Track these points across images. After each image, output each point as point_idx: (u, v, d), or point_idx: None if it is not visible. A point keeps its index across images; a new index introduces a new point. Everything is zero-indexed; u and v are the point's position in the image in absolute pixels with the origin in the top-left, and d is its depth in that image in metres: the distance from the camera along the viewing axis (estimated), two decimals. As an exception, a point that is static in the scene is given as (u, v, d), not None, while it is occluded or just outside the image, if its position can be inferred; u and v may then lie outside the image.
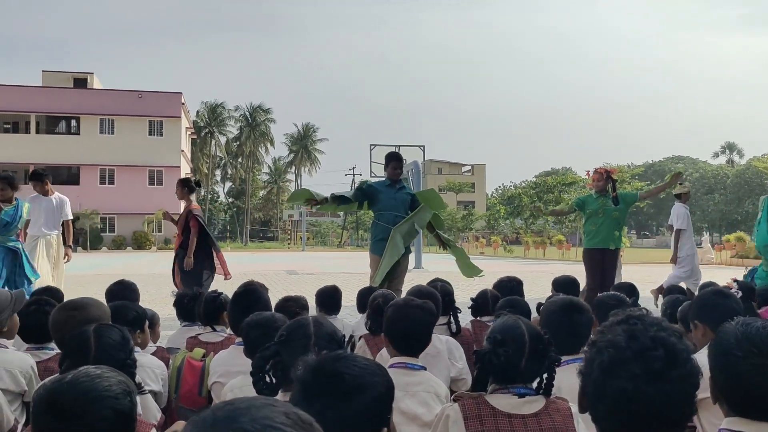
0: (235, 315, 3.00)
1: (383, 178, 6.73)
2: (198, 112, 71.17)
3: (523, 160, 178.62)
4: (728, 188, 67.29)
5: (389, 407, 1.48)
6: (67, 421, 1.41)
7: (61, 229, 7.65)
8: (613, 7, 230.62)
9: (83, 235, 44.15)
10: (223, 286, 5.51)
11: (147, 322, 3.02)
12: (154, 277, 16.36)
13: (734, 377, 1.56)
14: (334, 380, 1.40)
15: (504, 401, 1.94)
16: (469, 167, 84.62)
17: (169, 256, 8.47)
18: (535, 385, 1.98)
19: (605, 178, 7.10)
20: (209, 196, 74.81)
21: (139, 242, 45.49)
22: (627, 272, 10.58)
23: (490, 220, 54.77)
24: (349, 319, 5.86)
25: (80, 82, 48.88)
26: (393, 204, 6.33)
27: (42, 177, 7.61)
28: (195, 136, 62.75)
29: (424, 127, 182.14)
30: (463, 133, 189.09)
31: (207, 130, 70.95)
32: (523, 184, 57.10)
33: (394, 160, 6.50)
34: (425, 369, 2.64)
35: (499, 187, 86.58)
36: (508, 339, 1.95)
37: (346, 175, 42.15)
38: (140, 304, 4.19)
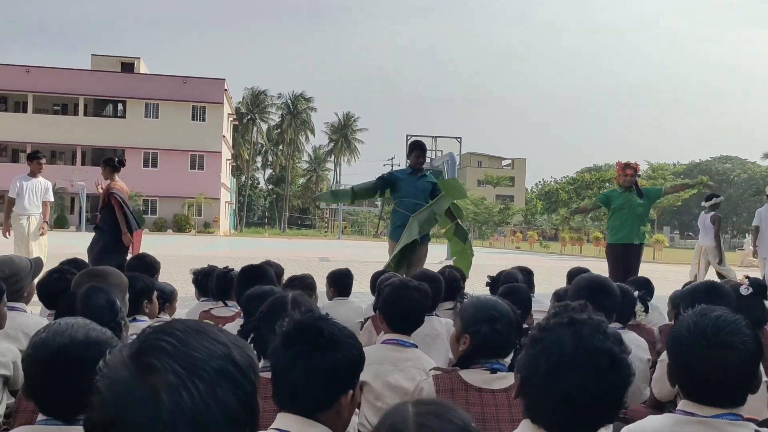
0: (240, 289, 3.12)
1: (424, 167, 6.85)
2: (241, 98, 72.16)
3: (566, 156, 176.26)
4: (777, 190, 65.39)
5: (358, 373, 1.57)
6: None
7: (41, 209, 8.80)
8: (666, 3, 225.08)
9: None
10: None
11: (155, 293, 3.15)
12: (189, 259, 16.74)
13: (684, 365, 1.60)
14: (312, 333, 1.52)
15: (476, 376, 2.01)
16: (510, 161, 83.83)
17: (208, 240, 8.71)
18: (509, 360, 2.05)
19: (636, 173, 7.05)
20: (249, 182, 75.83)
21: (180, 225, 46.42)
22: (662, 271, 10.47)
23: (527, 215, 54.25)
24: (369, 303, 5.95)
25: (127, 67, 49.99)
26: (413, 192, 6.39)
27: (40, 158, 8.76)
28: (237, 123, 63.58)
29: (465, 119, 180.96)
30: (506, 126, 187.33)
31: (249, 116, 71.82)
32: (563, 180, 56.34)
33: (417, 148, 6.55)
34: (416, 347, 2.72)
35: (540, 182, 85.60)
36: (501, 316, 2.03)
37: (384, 165, 42.33)
38: (168, 282, 4.37)
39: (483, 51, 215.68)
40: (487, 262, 17.77)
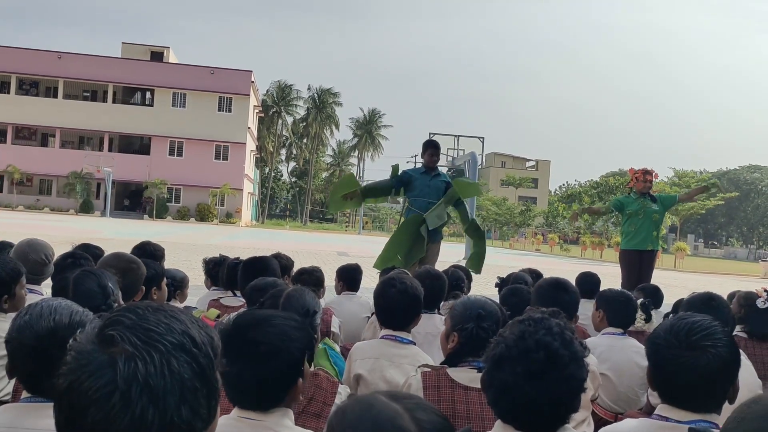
0: (244, 280, 3.20)
1: (445, 165, 6.86)
2: (267, 90, 72.56)
3: (592, 159, 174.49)
4: (806, 201, 64.09)
5: (302, 363, 1.61)
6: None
7: None
8: (703, 7, 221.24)
9: (150, 204, 45.90)
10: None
11: (164, 280, 3.24)
12: (208, 248, 16.95)
13: (659, 367, 1.64)
14: (249, 346, 1.53)
15: (463, 375, 2.06)
16: (534, 162, 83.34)
17: (229, 230, 8.78)
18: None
19: (649, 179, 7.02)
20: (272, 174, 76.29)
21: (203, 214, 46.90)
22: (682, 279, 10.36)
23: (548, 217, 53.91)
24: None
25: (157, 56, 50.57)
26: (427, 191, 6.40)
27: None
28: (262, 115, 64.00)
29: (490, 119, 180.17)
30: (532, 127, 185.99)
31: (275, 109, 72.22)
32: (587, 183, 55.90)
33: (431, 147, 6.55)
34: (414, 344, 2.77)
35: (564, 184, 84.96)
36: (488, 314, 2.08)
37: (407, 162, 42.16)
38: (184, 269, 4.46)
39: (510, 52, 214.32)
40: (505, 263, 17.76)
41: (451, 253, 16.49)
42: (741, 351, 3.17)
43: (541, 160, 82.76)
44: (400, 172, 6.65)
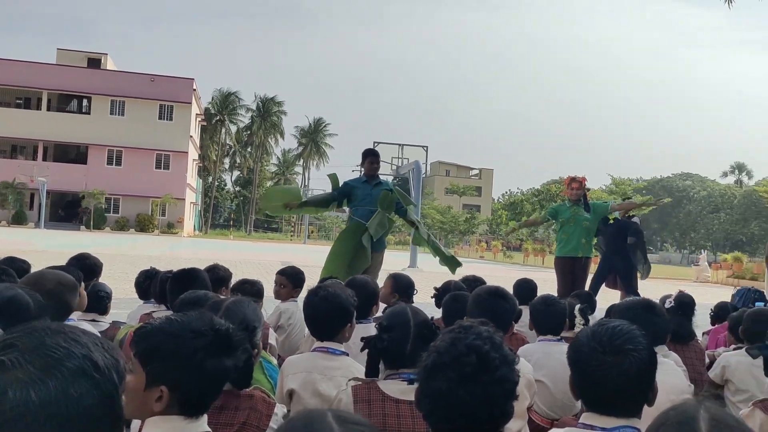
0: (172, 293, 3.11)
1: (390, 174, 6.88)
2: (212, 98, 71.53)
3: (534, 168, 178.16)
4: (734, 208, 66.97)
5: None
6: None
7: None
8: (635, 22, 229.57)
9: (87, 215, 44.47)
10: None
11: (82, 285, 3.10)
12: (148, 259, 16.49)
13: (583, 373, 1.66)
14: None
15: (394, 387, 2.04)
16: (477, 171, 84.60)
17: (171, 241, 8.57)
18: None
19: (583, 187, 7.17)
20: (216, 183, 75.10)
21: (143, 225, 45.75)
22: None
23: (492, 224, 54.80)
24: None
25: (94, 62, 49.17)
26: (369, 200, 6.42)
27: None
28: (205, 123, 62.97)
29: (435, 128, 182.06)
30: (476, 137, 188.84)
31: (218, 117, 71.18)
32: (529, 191, 57.08)
33: (370, 155, 6.61)
34: (347, 355, 2.73)
35: (506, 192, 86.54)
36: (395, 324, 2.07)
37: (353, 171, 42.25)
38: (120, 282, 4.32)
39: (453, 62, 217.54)
40: (446, 270, 17.87)
41: (396, 262, 16.53)
42: (676, 356, 3.28)
43: (485, 168, 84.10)
44: (341, 183, 6.65)
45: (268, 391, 2.21)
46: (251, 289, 3.92)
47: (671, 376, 2.88)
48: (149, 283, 4.02)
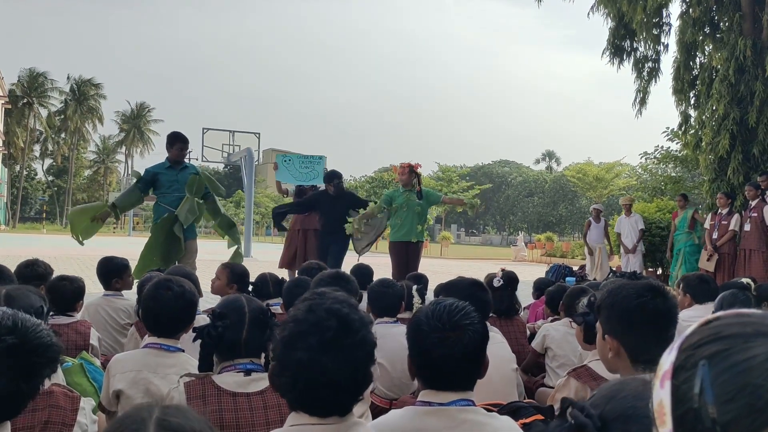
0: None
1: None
2: (18, 78, 64.85)
3: (366, 155, 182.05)
4: (546, 192, 73.06)
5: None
6: None
7: None
8: (462, 18, 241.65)
9: None
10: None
11: None
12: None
13: (424, 351, 1.69)
14: None
15: (230, 379, 1.94)
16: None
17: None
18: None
19: (408, 172, 7.36)
20: (25, 173, 68.31)
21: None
22: (448, 266, 11.13)
23: (327, 212, 55.23)
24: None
25: None
26: (176, 186, 6.28)
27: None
28: (10, 106, 56.93)
29: (268, 116, 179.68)
30: (310, 125, 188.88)
31: (25, 100, 64.67)
32: (362, 179, 58.20)
33: (179, 141, 6.44)
34: (183, 351, 2.58)
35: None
36: (229, 311, 1.99)
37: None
38: None
39: (284, 50, 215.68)
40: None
41: (216, 250, 16.07)
42: (497, 329, 3.49)
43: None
44: (142, 173, 6.41)
45: (73, 388, 2.02)
46: (70, 287, 3.57)
47: (498, 348, 3.06)
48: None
